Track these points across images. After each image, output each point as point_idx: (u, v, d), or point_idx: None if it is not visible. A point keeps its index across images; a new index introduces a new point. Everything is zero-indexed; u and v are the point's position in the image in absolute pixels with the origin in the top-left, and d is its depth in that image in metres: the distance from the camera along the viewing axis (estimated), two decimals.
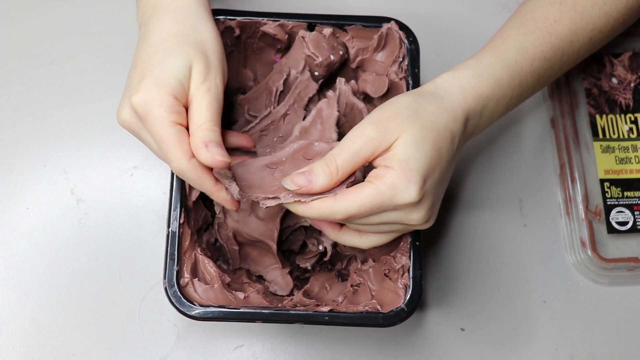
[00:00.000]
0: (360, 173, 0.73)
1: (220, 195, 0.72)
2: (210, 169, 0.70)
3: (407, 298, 0.76)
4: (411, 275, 0.77)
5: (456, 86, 0.73)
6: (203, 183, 0.70)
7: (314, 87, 0.86)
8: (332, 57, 0.85)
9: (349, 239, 0.75)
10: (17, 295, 0.89)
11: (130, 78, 0.72)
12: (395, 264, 0.79)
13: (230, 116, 0.88)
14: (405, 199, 0.67)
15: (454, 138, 0.71)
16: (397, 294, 0.77)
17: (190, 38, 0.72)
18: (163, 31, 0.73)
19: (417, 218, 0.69)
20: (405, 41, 0.84)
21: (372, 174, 0.68)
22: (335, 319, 0.76)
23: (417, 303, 0.76)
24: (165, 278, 0.76)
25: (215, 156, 0.68)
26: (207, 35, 0.74)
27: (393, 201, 0.67)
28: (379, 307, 0.76)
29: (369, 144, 0.67)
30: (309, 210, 0.69)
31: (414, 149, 0.67)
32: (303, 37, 0.85)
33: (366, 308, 0.76)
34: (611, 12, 0.82)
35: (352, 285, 0.82)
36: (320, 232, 0.86)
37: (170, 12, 0.74)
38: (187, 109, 0.71)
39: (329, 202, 0.67)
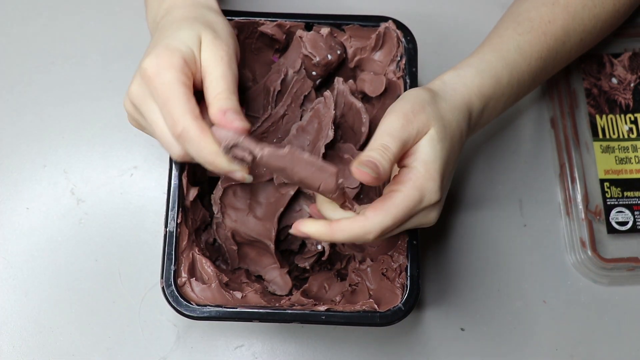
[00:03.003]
0: None
1: (222, 162, 0.67)
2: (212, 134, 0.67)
3: (405, 297, 0.76)
4: (409, 274, 0.77)
5: (462, 84, 0.74)
6: (205, 147, 0.66)
7: (309, 85, 0.86)
8: (329, 56, 0.85)
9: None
10: (17, 295, 0.90)
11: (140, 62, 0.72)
12: (392, 263, 0.79)
13: None
14: (432, 200, 0.67)
15: (462, 136, 0.72)
16: (394, 293, 0.77)
17: (199, 20, 0.73)
18: (174, 17, 0.74)
19: (433, 217, 0.70)
20: (403, 40, 0.84)
21: (395, 180, 0.67)
22: (332, 318, 0.76)
23: (414, 302, 0.76)
24: (162, 278, 0.76)
25: (234, 122, 0.66)
26: (217, 20, 0.74)
27: (421, 204, 0.66)
28: (376, 306, 0.76)
29: (412, 135, 0.67)
30: (340, 233, 0.66)
31: (439, 147, 0.67)
32: (301, 37, 0.85)
33: (363, 307, 0.76)
34: (600, 14, 0.84)
35: (350, 285, 0.82)
36: None
37: (184, 7, 0.75)
38: (197, 84, 0.71)
39: (361, 221, 0.65)
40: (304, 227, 0.67)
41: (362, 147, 0.84)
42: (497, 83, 0.76)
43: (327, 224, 0.66)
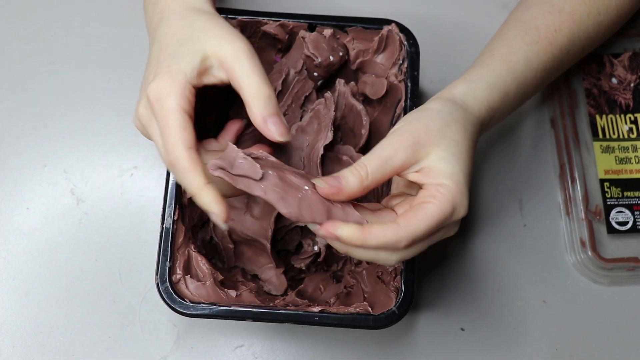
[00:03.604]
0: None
1: (205, 197, 0.66)
2: (202, 165, 0.67)
3: (399, 301, 0.76)
4: (403, 278, 0.77)
5: (473, 97, 0.73)
6: (191, 179, 0.66)
7: (310, 85, 0.86)
8: (331, 58, 0.84)
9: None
10: (17, 295, 0.90)
11: (145, 75, 0.72)
12: (388, 267, 0.79)
13: (229, 116, 0.88)
14: (461, 214, 0.66)
15: (475, 147, 0.71)
16: (389, 297, 0.77)
17: (198, 25, 0.72)
18: (171, 28, 0.73)
19: (454, 231, 0.69)
20: (406, 43, 0.84)
21: (424, 194, 0.66)
22: (326, 320, 0.76)
23: (408, 306, 0.76)
24: (157, 274, 0.77)
25: (275, 135, 0.67)
26: (214, 16, 0.73)
27: (452, 218, 0.66)
28: (370, 309, 0.76)
29: (400, 153, 0.65)
30: (372, 238, 0.64)
31: (455, 162, 0.66)
32: (303, 38, 0.85)
33: (357, 310, 0.76)
34: (604, 21, 0.84)
35: (345, 287, 0.82)
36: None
37: (176, 12, 0.74)
38: (222, 82, 0.70)
39: (394, 228, 0.64)
40: (337, 229, 0.64)
41: (362, 149, 0.84)
42: (505, 96, 0.76)
43: (359, 229, 0.64)
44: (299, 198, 0.66)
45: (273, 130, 0.68)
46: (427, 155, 0.66)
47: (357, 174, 0.65)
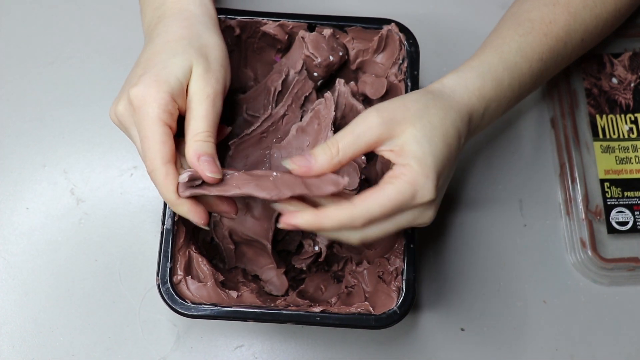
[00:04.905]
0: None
1: (181, 209, 0.69)
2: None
3: (400, 301, 0.76)
4: (404, 278, 0.77)
5: (462, 86, 0.74)
6: (166, 192, 0.68)
7: (310, 85, 0.86)
8: (331, 58, 0.85)
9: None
10: (17, 295, 0.90)
11: (131, 74, 0.72)
12: (389, 267, 0.79)
13: (228, 115, 0.88)
14: (425, 197, 0.66)
15: (460, 137, 0.71)
16: (390, 297, 0.77)
17: (195, 44, 0.72)
18: (169, 34, 0.73)
19: (428, 217, 0.69)
20: (405, 43, 0.84)
21: (389, 174, 0.67)
22: (327, 320, 0.76)
23: (409, 306, 0.76)
24: (158, 275, 0.77)
25: (206, 172, 0.67)
26: (212, 43, 0.74)
27: (413, 200, 0.66)
28: (371, 309, 0.76)
29: (373, 129, 0.66)
30: (327, 220, 0.65)
31: (427, 144, 0.67)
32: (303, 38, 0.85)
33: (358, 309, 0.77)
34: (601, 14, 0.84)
35: (346, 287, 0.82)
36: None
37: (177, 18, 0.74)
38: (181, 111, 0.71)
39: (348, 207, 0.65)
40: (293, 219, 0.66)
41: None
42: (498, 85, 0.76)
43: (313, 213, 0.66)
44: (271, 180, 0.68)
45: (204, 165, 0.67)
46: (402, 132, 0.67)
47: (327, 151, 0.66)
